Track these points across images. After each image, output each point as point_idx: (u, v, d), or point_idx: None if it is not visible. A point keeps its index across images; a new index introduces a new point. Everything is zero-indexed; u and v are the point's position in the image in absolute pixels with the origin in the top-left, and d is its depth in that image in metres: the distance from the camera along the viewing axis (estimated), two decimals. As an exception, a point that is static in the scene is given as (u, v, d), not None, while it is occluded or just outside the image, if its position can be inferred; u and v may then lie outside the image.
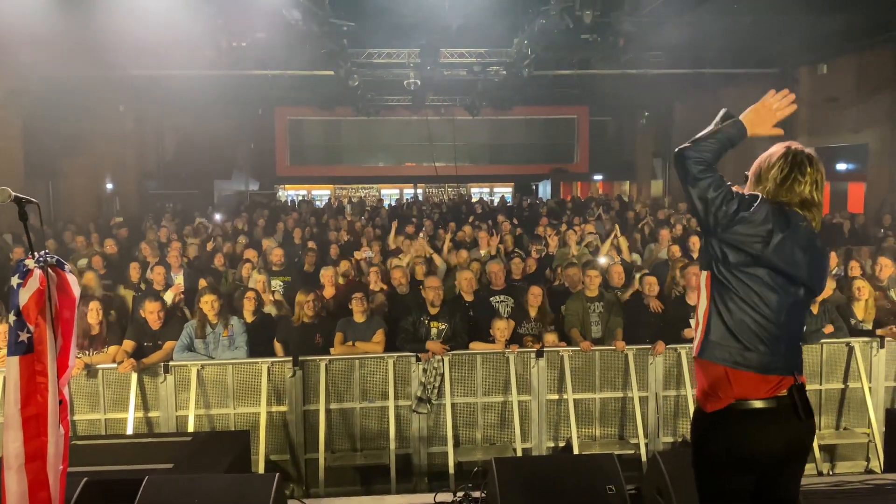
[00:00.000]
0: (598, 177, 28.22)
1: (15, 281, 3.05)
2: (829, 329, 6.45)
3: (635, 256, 9.83)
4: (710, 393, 2.63)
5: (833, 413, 6.61)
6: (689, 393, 6.28)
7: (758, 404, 2.55)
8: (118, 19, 10.40)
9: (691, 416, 2.85)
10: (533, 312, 6.75)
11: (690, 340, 6.31)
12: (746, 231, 2.49)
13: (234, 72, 15.49)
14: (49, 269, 3.07)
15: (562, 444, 6.43)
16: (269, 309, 7.22)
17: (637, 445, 6.25)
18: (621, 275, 7.62)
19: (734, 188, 2.57)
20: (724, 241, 2.54)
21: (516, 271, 8.06)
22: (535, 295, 6.76)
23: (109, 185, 19.52)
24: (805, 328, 6.31)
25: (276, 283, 8.13)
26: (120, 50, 12.85)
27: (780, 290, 2.56)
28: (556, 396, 6.40)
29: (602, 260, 8.59)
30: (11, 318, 3.03)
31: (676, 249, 8.77)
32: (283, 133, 27.16)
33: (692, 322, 6.35)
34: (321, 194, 27.42)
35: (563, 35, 11.86)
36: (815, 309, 6.29)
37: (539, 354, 6.33)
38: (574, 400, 6.28)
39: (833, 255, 8.33)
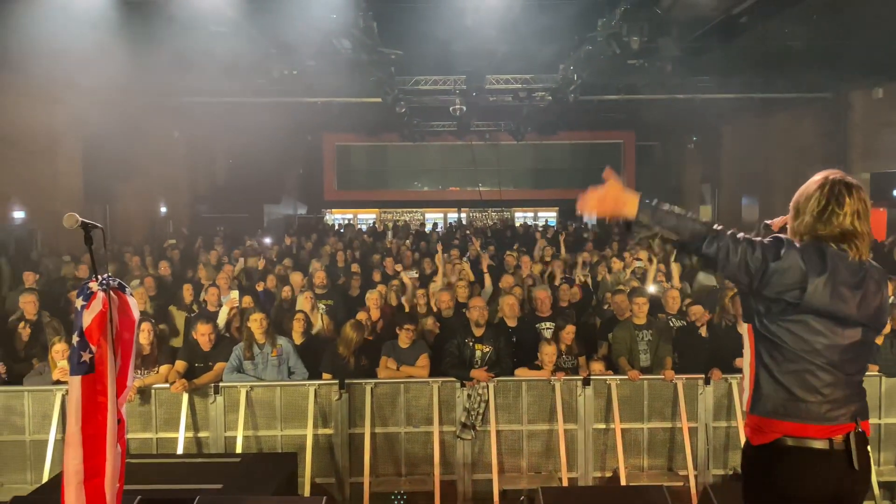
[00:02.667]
0: (644, 202, 27.89)
1: (79, 303, 3.16)
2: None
3: (684, 284, 9.66)
4: (758, 428, 2.56)
5: (893, 449, 6.36)
6: (741, 424, 6.12)
7: (808, 443, 2.44)
8: (175, 48, 10.79)
9: (742, 448, 2.79)
10: (567, 341, 6.67)
11: (741, 370, 6.22)
12: (780, 282, 2.36)
13: (285, 99, 15.90)
14: (111, 292, 3.18)
15: (608, 474, 6.33)
16: (318, 332, 7.32)
17: (686, 477, 6.10)
18: (676, 299, 7.48)
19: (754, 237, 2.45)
20: (761, 296, 2.44)
21: (563, 298, 8.01)
22: (568, 332, 6.67)
23: (163, 209, 20.13)
24: (883, 362, 6.12)
25: (321, 306, 8.23)
26: (176, 78, 13.33)
27: (829, 334, 2.42)
28: (603, 425, 6.31)
29: (652, 288, 8.47)
30: (75, 338, 3.14)
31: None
32: (331, 158, 27.64)
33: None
34: (367, 218, 27.76)
35: (609, 60, 11.84)
36: (879, 341, 6.05)
37: (586, 382, 6.26)
38: (622, 429, 6.18)
39: (891, 284, 8.04)
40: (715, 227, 2.42)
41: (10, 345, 6.87)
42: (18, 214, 13.40)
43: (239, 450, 5.96)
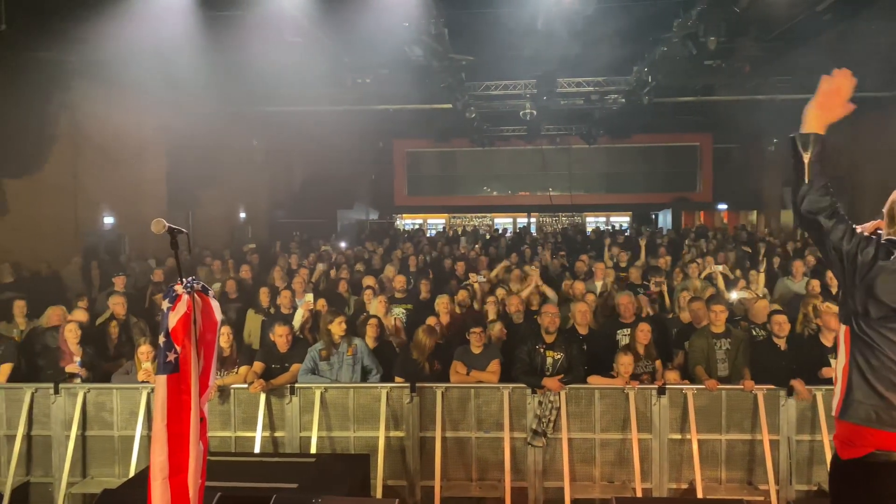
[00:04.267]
0: (722, 206, 27.08)
1: (165, 305, 3.30)
2: None
3: (764, 290, 9.31)
4: (847, 441, 2.45)
5: None
6: (826, 439, 5.85)
7: None
8: (253, 59, 11.18)
9: (828, 463, 2.66)
10: (641, 350, 6.48)
11: (826, 381, 5.95)
12: (887, 282, 2.29)
13: (358, 107, 16.23)
14: (195, 295, 3.30)
15: (684, 485, 6.15)
16: (391, 336, 7.41)
17: (767, 492, 5.88)
18: (764, 309, 7.20)
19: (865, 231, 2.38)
20: (864, 295, 2.35)
21: (642, 305, 7.82)
22: (645, 331, 6.50)
23: (242, 214, 20.83)
24: None
25: (399, 311, 8.32)
26: (254, 88, 13.80)
27: None
28: (678, 436, 6.15)
29: (734, 294, 8.20)
30: (161, 339, 3.28)
31: (817, 284, 8.20)
32: (402, 164, 28.00)
33: (832, 362, 5.96)
34: (436, 223, 27.98)
35: (685, 62, 11.59)
36: None
37: (661, 392, 6.11)
38: (698, 440, 6.00)
39: None
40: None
41: (100, 344, 7.22)
42: (108, 220, 14.14)
43: (313, 450, 6.09)
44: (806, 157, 2.46)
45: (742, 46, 11.43)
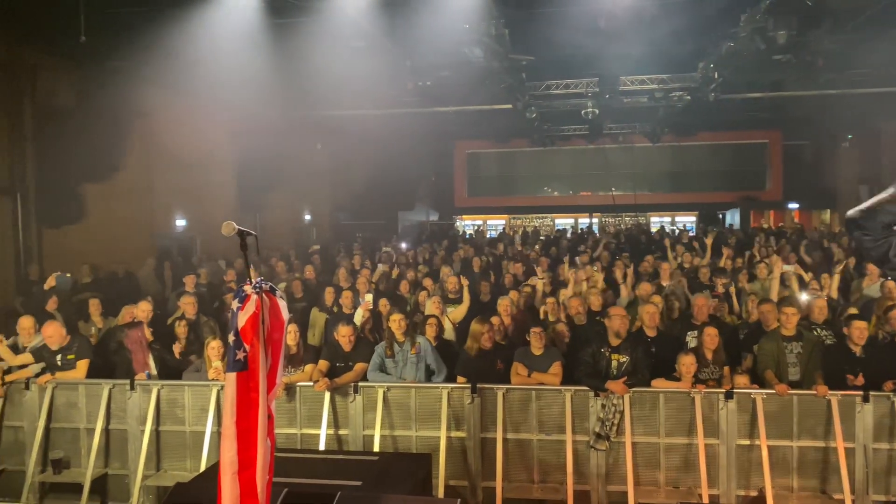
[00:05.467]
0: (793, 205, 26.12)
1: (235, 304, 3.39)
2: None
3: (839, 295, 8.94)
4: None
5: None
6: (907, 448, 5.60)
7: None
8: (317, 65, 11.40)
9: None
10: (709, 355, 6.31)
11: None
12: None
13: (418, 109, 16.35)
14: (264, 295, 3.39)
15: (753, 493, 5.97)
16: (450, 336, 7.45)
17: (842, 502, 5.65)
18: (823, 309, 6.96)
19: None
20: None
21: (712, 307, 7.63)
22: (711, 335, 6.32)
23: (307, 217, 21.27)
24: None
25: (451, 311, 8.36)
26: (319, 93, 14.08)
27: None
28: (747, 442, 5.98)
29: (804, 296, 7.92)
30: (231, 337, 3.38)
31: (894, 286, 7.84)
32: (462, 166, 28.06)
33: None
34: (496, 224, 27.90)
35: (753, 57, 11.24)
36: None
37: (728, 396, 5.95)
38: (768, 447, 5.82)
39: None
40: None
41: (171, 342, 7.48)
42: (180, 222, 14.66)
43: (376, 448, 6.18)
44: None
45: (814, 40, 11.00)
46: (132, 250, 12.56)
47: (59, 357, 6.81)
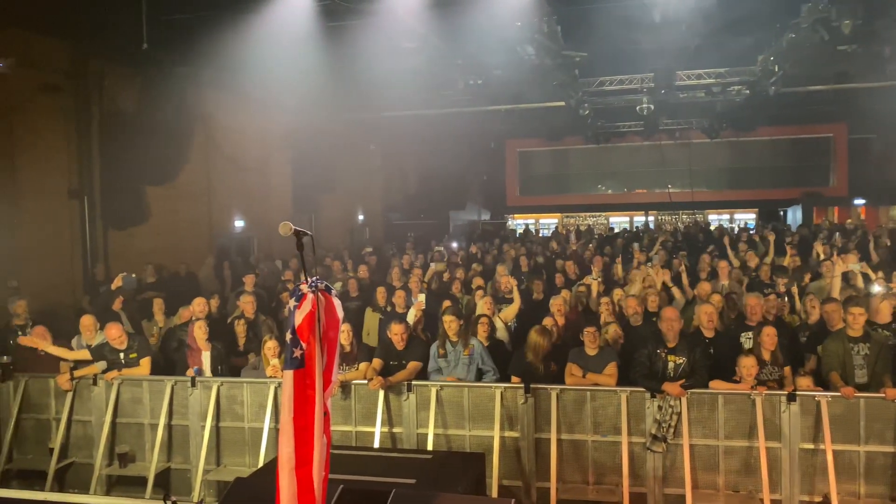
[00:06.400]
0: (859, 201, 25.12)
1: (292, 303, 3.45)
2: None
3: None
4: None
5: None
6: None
7: None
8: (371, 66, 11.53)
9: None
10: (766, 356, 6.12)
11: None
12: None
13: (470, 109, 16.36)
14: (319, 294, 3.44)
15: (818, 498, 5.78)
16: (502, 335, 7.43)
17: (914, 510, 5.43)
18: (887, 308, 6.68)
19: None
20: None
21: (773, 308, 7.40)
22: (770, 335, 6.13)
23: (360, 217, 21.52)
24: None
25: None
26: (372, 94, 14.23)
27: None
28: (811, 446, 5.79)
29: (877, 289, 7.61)
30: (288, 336, 3.43)
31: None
32: (514, 164, 27.91)
33: None
34: (549, 223, 27.67)
35: (816, 48, 10.87)
36: None
37: (791, 398, 5.77)
38: (833, 451, 5.62)
39: None
40: None
41: (230, 340, 7.67)
42: (239, 223, 15.02)
43: (429, 446, 6.21)
44: None
45: (881, 28, 10.56)
46: (193, 250, 12.93)
47: (121, 355, 7.05)
